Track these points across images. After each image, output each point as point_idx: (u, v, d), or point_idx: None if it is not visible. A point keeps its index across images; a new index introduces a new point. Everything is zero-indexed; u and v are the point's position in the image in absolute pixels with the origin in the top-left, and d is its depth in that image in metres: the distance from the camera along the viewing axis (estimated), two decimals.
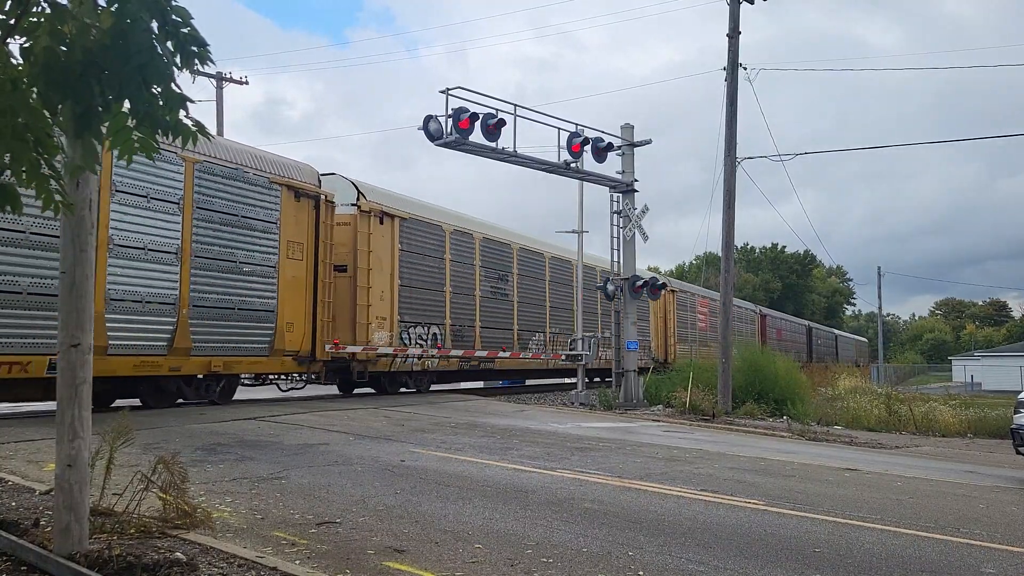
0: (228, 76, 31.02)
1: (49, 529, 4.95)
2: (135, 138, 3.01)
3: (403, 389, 19.41)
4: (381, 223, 17.46)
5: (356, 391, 19.09)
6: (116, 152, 3.12)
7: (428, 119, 15.78)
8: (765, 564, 5.46)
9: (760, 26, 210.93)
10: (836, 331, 74.61)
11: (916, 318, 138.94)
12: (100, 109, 2.91)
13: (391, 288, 17.66)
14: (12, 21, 2.86)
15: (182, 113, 3.04)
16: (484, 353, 20.90)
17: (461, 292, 20.24)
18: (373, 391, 19.03)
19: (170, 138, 3.09)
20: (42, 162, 3.13)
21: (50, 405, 12.46)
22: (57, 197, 3.27)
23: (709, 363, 21.90)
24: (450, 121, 15.72)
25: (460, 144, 16.12)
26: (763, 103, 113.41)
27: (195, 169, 13.01)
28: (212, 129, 28.96)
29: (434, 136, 15.84)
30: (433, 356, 19.10)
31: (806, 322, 60.85)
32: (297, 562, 4.90)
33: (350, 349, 16.42)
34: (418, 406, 16.11)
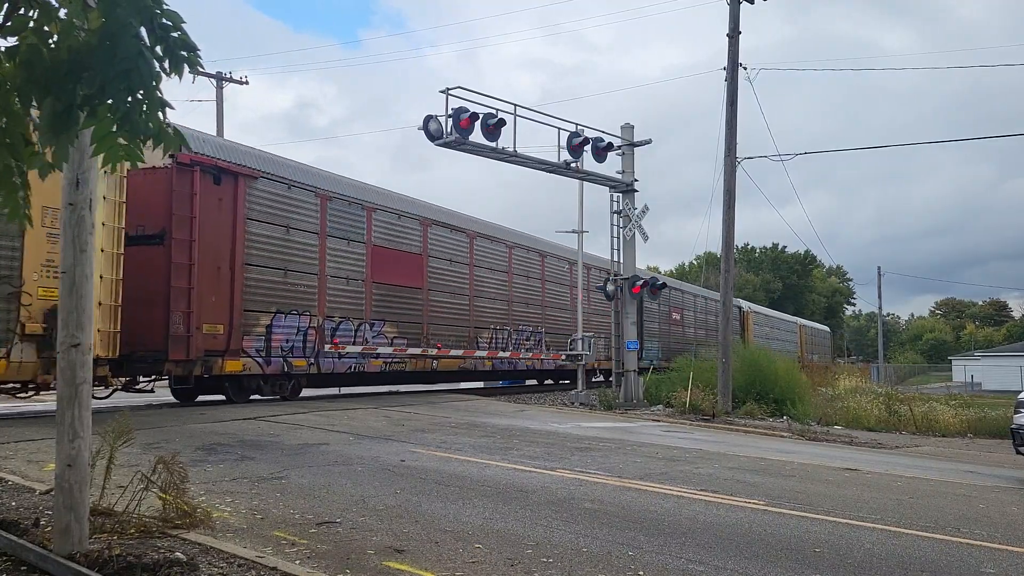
0: (228, 76, 31.03)
1: (49, 529, 4.96)
2: (120, 145, 2.98)
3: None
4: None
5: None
6: (100, 159, 3.09)
7: (428, 119, 15.78)
8: (765, 564, 5.46)
9: (773, 28, 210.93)
10: (757, 307, 51.39)
11: (915, 318, 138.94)
12: (80, 111, 2.89)
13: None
14: (1, 22, 2.85)
15: (164, 121, 3.01)
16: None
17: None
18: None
19: (152, 145, 3.06)
20: (14, 169, 3.11)
21: (50, 405, 12.48)
22: (24, 210, 3.24)
23: (709, 363, 21.89)
24: (450, 121, 15.73)
25: (460, 144, 16.12)
26: (775, 104, 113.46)
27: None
28: (211, 129, 29.10)
29: (434, 136, 15.84)
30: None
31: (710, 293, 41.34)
32: (297, 562, 4.91)
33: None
34: (418, 406, 16.12)
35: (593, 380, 27.47)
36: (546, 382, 27.88)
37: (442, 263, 19.97)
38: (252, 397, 15.25)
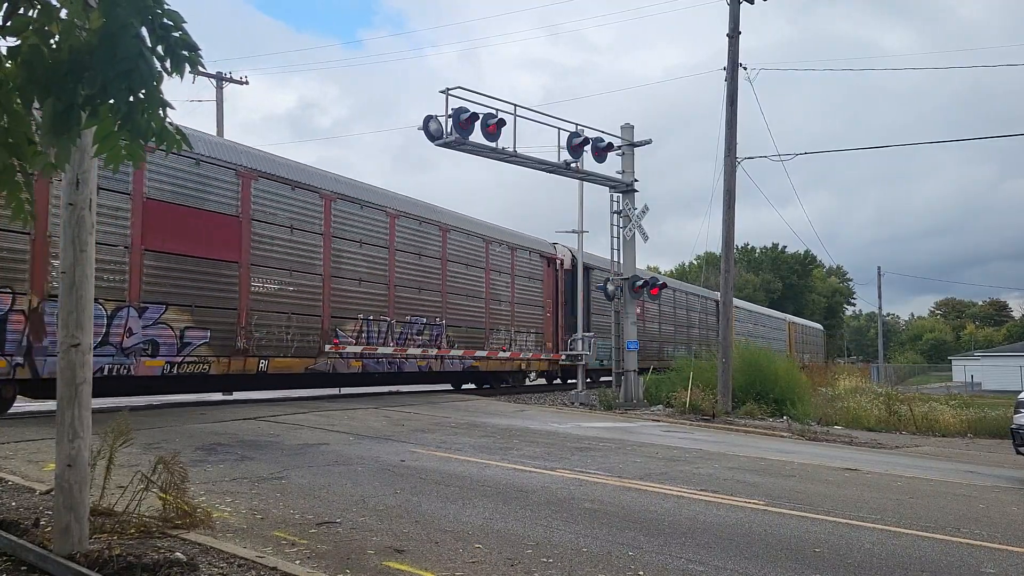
0: (228, 76, 31.02)
1: (49, 529, 4.95)
2: (122, 144, 2.99)
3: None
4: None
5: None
6: (103, 159, 3.10)
7: (428, 119, 15.80)
8: (765, 564, 5.46)
9: (775, 29, 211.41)
10: (738, 302, 41.58)
11: (915, 318, 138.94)
12: (81, 111, 2.90)
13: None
14: (1, 22, 2.85)
15: (166, 120, 3.02)
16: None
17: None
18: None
19: (155, 144, 3.07)
20: (16, 168, 3.12)
21: (50, 405, 12.41)
22: (27, 207, 3.25)
23: (709, 363, 21.89)
24: (450, 121, 15.74)
25: (460, 144, 16.13)
26: (776, 105, 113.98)
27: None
28: (211, 129, 29.09)
29: (434, 136, 15.85)
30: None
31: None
32: (297, 562, 4.91)
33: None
34: (418, 406, 16.12)
35: (528, 383, 25.13)
36: (488, 385, 23.54)
37: (276, 230, 14.98)
38: None
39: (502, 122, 16.19)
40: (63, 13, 2.86)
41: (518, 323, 22.77)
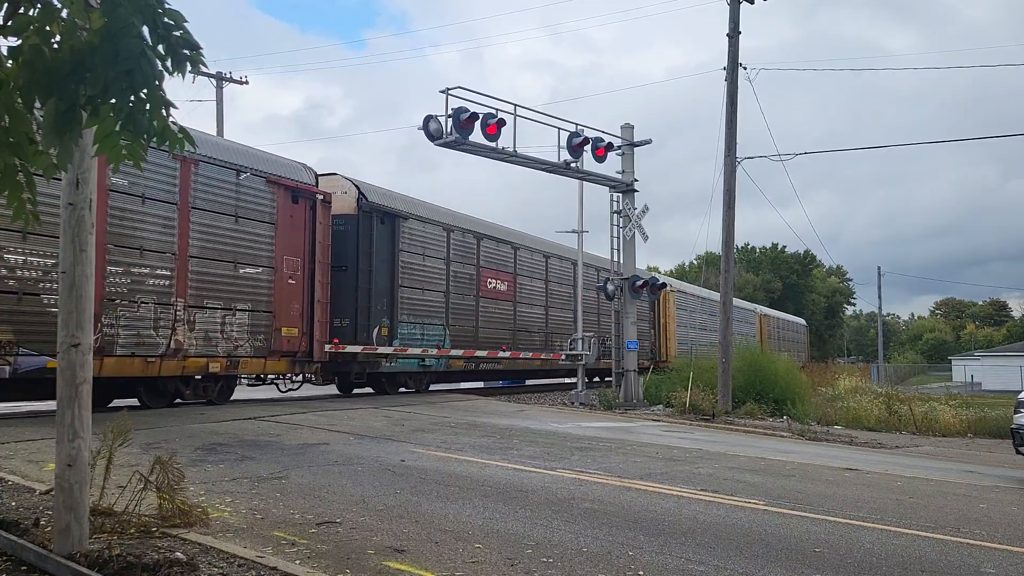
0: (228, 76, 31.01)
1: (49, 529, 4.96)
2: (123, 144, 2.99)
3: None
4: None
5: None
6: (105, 159, 3.10)
7: (428, 119, 15.79)
8: (765, 564, 5.46)
9: (782, 30, 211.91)
10: (688, 287, 38.05)
11: (916, 318, 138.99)
12: (83, 110, 2.90)
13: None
14: (2, 22, 2.85)
15: (168, 119, 3.02)
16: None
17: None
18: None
19: (157, 144, 3.07)
20: (18, 168, 3.12)
21: (50, 405, 12.41)
22: (28, 207, 3.25)
23: (709, 363, 21.88)
24: (450, 121, 15.73)
25: (460, 144, 16.13)
26: (782, 106, 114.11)
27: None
28: (211, 129, 29.08)
29: (434, 136, 15.85)
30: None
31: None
32: (297, 562, 4.91)
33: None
34: (418, 406, 16.12)
35: (289, 396, 16.67)
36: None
37: None
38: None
39: (502, 122, 16.19)
40: (64, 13, 2.86)
41: (206, 293, 13.30)
